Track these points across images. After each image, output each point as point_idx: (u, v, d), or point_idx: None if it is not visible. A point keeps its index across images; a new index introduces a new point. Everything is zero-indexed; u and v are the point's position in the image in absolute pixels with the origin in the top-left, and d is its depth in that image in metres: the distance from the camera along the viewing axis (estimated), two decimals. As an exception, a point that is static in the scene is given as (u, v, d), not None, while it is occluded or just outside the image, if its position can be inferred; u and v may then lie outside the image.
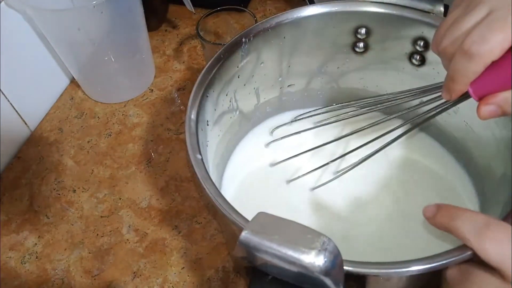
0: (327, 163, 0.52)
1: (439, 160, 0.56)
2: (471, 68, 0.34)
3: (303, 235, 0.30)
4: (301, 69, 0.57)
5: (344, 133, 0.53)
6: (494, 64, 0.34)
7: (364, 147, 0.50)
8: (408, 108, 0.48)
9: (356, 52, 0.56)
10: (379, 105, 0.51)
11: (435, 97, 0.44)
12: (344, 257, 0.32)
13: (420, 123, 0.49)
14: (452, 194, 0.54)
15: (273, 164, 0.57)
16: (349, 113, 0.54)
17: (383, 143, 0.49)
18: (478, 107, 0.36)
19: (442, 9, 0.50)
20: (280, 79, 0.57)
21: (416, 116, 0.48)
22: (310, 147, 0.53)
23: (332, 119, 0.56)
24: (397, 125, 0.49)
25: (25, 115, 0.66)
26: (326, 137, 0.55)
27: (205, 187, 0.40)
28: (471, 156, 0.53)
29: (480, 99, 0.36)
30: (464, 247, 0.34)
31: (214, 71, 0.49)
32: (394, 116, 0.49)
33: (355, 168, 0.52)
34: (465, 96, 0.37)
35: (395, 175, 0.56)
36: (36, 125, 0.69)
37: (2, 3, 0.59)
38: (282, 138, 0.57)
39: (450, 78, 0.36)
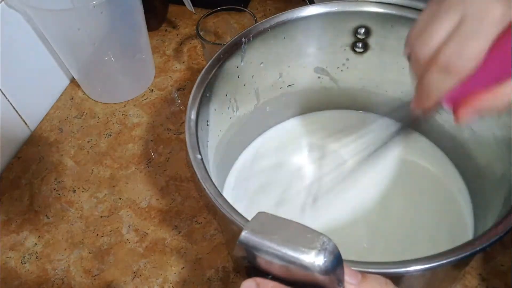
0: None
1: (435, 161, 0.56)
2: (448, 83, 0.33)
3: (303, 235, 0.30)
4: (301, 69, 0.57)
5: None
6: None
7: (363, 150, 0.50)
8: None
9: (356, 52, 0.56)
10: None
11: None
12: (344, 257, 0.32)
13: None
14: (447, 195, 0.54)
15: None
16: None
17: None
18: (458, 112, 0.34)
19: (441, 9, 0.49)
20: (280, 79, 0.57)
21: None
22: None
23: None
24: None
25: (25, 115, 0.66)
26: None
27: (205, 187, 0.41)
28: (471, 156, 0.53)
29: (453, 106, 0.35)
30: (463, 246, 0.34)
31: (214, 71, 0.49)
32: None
33: (352, 169, 0.52)
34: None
35: (391, 176, 0.56)
36: (36, 125, 0.69)
37: (2, 3, 0.59)
38: None
39: (425, 94, 0.35)
